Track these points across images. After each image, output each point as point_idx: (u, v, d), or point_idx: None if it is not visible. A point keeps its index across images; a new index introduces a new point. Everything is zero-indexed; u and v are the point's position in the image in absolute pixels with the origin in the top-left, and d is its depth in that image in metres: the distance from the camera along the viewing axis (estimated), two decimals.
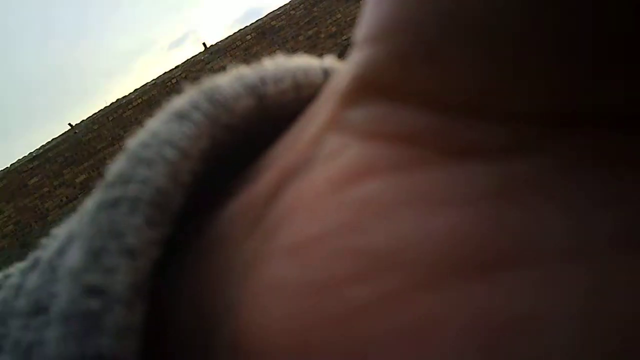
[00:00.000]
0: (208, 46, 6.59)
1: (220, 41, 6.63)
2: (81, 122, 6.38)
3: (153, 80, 6.47)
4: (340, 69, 0.10)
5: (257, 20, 6.68)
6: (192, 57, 6.57)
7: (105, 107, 6.40)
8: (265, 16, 6.69)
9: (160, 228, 0.09)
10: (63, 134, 6.32)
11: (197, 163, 0.10)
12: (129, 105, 6.35)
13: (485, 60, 0.07)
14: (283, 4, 6.72)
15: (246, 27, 6.68)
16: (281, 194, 0.09)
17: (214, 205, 0.11)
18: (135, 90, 6.45)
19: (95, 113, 6.37)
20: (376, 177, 0.08)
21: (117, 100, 6.42)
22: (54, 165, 6.19)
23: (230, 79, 0.11)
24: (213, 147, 0.11)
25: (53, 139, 6.30)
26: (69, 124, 6.36)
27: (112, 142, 6.24)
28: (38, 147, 6.29)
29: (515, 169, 0.07)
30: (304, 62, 0.12)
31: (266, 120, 0.12)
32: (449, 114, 0.08)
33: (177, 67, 6.53)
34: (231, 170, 0.12)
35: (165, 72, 6.50)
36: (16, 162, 6.19)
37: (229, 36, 6.66)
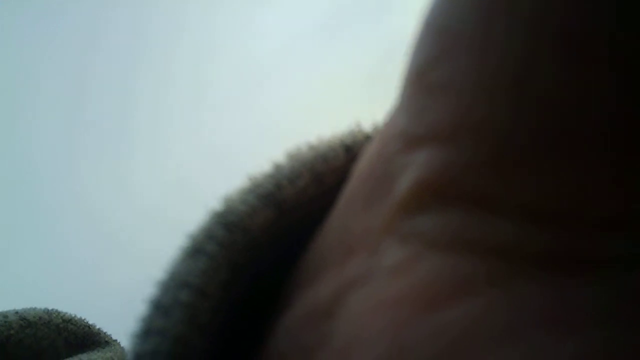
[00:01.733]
0: None
1: None
2: None
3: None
4: (374, 140, 0.10)
5: None
6: None
7: None
8: None
9: None
10: None
11: (220, 297, 0.10)
12: None
13: (589, 164, 0.07)
14: None
15: None
16: (344, 310, 0.08)
17: (267, 316, 0.10)
18: None
19: None
20: (473, 295, 0.07)
21: None
22: None
23: (244, 192, 0.11)
24: (241, 268, 0.10)
25: None
26: None
27: None
28: None
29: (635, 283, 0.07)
30: (323, 145, 0.11)
31: (291, 221, 0.11)
32: (546, 224, 0.07)
33: None
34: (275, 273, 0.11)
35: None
36: None
37: None
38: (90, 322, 0.27)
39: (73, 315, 0.26)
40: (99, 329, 0.27)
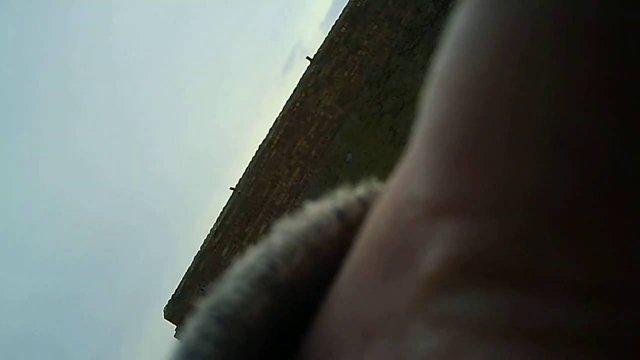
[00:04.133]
0: (312, 57, 6.56)
1: (321, 47, 6.58)
2: (239, 181, 6.61)
3: (281, 112, 6.55)
4: (374, 208, 0.09)
5: (343, 10, 6.53)
6: (303, 75, 6.58)
7: (253, 157, 6.58)
8: (349, 1, 6.53)
9: None
10: (230, 199, 6.58)
11: None
12: (271, 146, 6.49)
13: (633, 230, 0.06)
14: None
15: (336, 21, 6.57)
16: None
17: None
18: (270, 129, 6.57)
19: (247, 167, 6.58)
20: None
21: (260, 146, 6.58)
22: (235, 230, 6.45)
23: (237, 278, 0.10)
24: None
25: (224, 208, 6.59)
26: (230, 188, 6.63)
27: (273, 184, 6.39)
28: (214, 221, 6.61)
29: None
30: (314, 213, 0.11)
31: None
32: (596, 300, 0.06)
33: (294, 90, 6.56)
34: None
35: (288, 100, 6.56)
36: (203, 242, 6.54)
37: (326, 38, 6.58)
38: None
39: None
40: None
